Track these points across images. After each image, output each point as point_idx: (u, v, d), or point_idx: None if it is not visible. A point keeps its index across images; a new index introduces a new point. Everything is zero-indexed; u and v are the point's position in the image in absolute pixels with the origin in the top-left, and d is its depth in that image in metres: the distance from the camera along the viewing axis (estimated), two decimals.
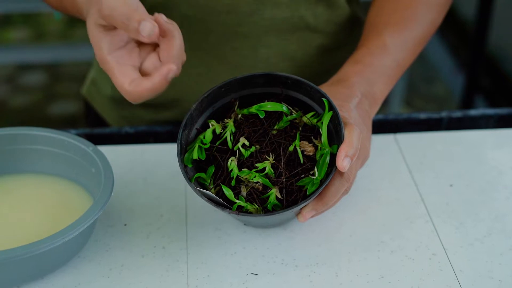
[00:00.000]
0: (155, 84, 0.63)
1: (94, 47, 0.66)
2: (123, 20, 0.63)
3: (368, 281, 0.69)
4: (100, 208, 0.68)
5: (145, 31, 0.62)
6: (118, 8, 0.63)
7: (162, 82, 0.63)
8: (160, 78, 0.63)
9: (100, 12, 0.64)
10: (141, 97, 0.64)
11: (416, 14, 0.85)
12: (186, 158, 0.71)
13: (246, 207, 0.68)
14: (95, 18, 0.64)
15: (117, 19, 0.63)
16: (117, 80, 0.65)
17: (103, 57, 0.65)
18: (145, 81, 0.64)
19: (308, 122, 0.72)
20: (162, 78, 0.63)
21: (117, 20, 0.63)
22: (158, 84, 0.63)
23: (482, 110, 0.94)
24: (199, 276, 0.70)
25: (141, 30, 0.62)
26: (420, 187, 0.81)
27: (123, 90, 0.64)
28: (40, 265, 0.67)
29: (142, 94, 0.64)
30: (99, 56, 0.65)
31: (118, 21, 0.63)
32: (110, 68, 0.65)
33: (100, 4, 0.64)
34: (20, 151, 0.78)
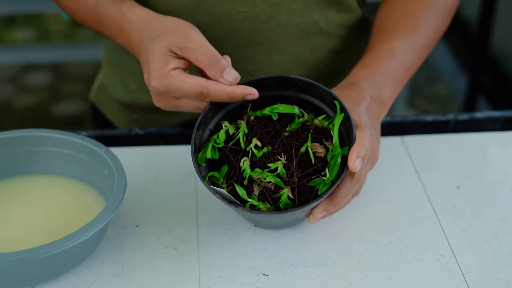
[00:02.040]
0: (235, 92, 0.72)
1: (157, 63, 0.72)
2: (209, 59, 0.71)
3: (377, 282, 0.70)
4: (113, 210, 0.69)
5: (231, 76, 0.72)
6: (206, 46, 0.72)
7: (239, 94, 0.72)
8: (242, 90, 0.72)
9: (179, 42, 0.71)
10: (216, 97, 0.72)
11: (423, 19, 0.86)
12: (200, 157, 0.72)
13: (259, 206, 0.70)
14: (170, 46, 0.72)
15: (201, 56, 0.71)
16: (192, 79, 0.71)
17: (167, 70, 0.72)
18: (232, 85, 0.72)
19: (320, 125, 0.73)
20: (242, 91, 0.72)
21: (201, 57, 0.71)
22: (236, 93, 0.72)
23: (488, 113, 0.95)
24: (211, 277, 0.71)
25: (226, 75, 0.71)
26: (428, 188, 0.82)
27: (201, 85, 0.71)
28: (54, 265, 0.68)
29: (219, 94, 0.72)
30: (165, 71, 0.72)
31: (201, 58, 0.71)
32: (176, 74, 0.72)
33: (180, 35, 0.72)
34: (33, 153, 0.79)
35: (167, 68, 0.71)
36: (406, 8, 0.87)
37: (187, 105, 0.73)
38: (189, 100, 0.73)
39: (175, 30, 0.73)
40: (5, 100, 2.53)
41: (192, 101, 0.73)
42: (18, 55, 2.45)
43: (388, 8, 0.89)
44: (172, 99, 0.73)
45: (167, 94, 0.72)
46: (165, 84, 0.71)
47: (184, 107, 0.74)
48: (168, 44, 0.71)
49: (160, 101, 0.74)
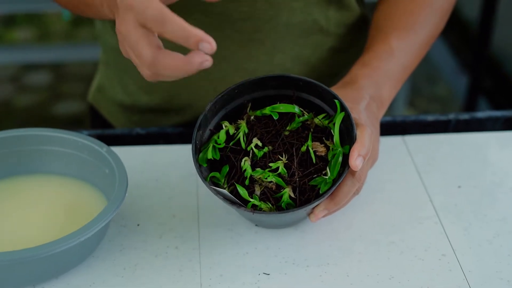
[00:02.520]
0: (185, 62, 0.59)
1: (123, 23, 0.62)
2: (179, 32, 0.59)
3: (378, 281, 0.70)
4: (115, 209, 0.69)
5: (206, 49, 0.59)
6: (172, 18, 0.59)
7: (193, 64, 0.59)
8: (196, 59, 0.59)
9: (146, 15, 0.60)
10: (165, 70, 0.60)
11: (421, 18, 0.87)
12: (201, 158, 0.72)
13: (260, 205, 0.70)
14: (138, 19, 0.60)
15: (170, 30, 0.59)
16: (143, 47, 0.61)
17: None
18: (178, 56, 0.60)
19: (320, 124, 0.73)
20: (196, 59, 0.59)
21: (171, 30, 0.59)
22: (187, 63, 0.59)
23: (489, 112, 0.95)
24: (212, 276, 0.71)
25: (202, 48, 0.59)
26: (429, 188, 0.82)
27: (147, 57, 0.61)
28: (55, 264, 0.68)
29: (168, 66, 0.60)
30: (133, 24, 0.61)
31: (172, 31, 0.59)
32: (139, 36, 0.61)
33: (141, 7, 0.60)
34: (34, 152, 0.79)
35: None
36: (404, 7, 0.87)
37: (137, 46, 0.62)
38: (139, 38, 0.61)
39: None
40: (5, 100, 2.53)
41: (143, 40, 0.61)
42: (18, 55, 2.45)
43: (385, 7, 0.89)
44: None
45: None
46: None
47: (135, 47, 0.62)
48: (138, 20, 0.62)
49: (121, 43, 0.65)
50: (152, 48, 0.60)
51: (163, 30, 0.59)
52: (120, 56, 0.96)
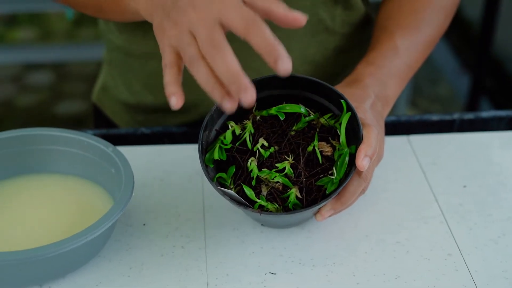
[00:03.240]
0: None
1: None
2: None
3: (384, 281, 0.70)
4: (121, 209, 0.69)
5: (282, 71, 0.60)
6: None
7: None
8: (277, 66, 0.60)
9: None
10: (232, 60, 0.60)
11: (425, 17, 0.87)
12: (207, 158, 0.72)
13: (267, 206, 0.70)
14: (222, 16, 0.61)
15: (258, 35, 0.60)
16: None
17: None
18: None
19: (326, 124, 0.73)
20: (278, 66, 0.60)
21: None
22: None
23: (494, 112, 0.95)
24: (218, 275, 0.71)
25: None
26: (434, 188, 0.83)
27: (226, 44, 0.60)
28: (62, 264, 0.68)
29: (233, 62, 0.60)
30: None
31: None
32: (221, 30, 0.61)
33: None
34: (40, 152, 0.79)
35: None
36: (408, 6, 0.88)
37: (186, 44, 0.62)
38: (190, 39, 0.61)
39: None
40: (7, 100, 2.53)
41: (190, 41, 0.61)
42: (20, 54, 2.45)
43: (390, 6, 0.89)
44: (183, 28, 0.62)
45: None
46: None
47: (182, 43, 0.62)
48: None
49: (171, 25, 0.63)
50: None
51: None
52: (125, 55, 0.96)
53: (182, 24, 0.62)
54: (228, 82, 0.59)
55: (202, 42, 0.60)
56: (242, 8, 0.60)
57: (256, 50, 0.59)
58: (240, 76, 0.58)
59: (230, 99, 0.59)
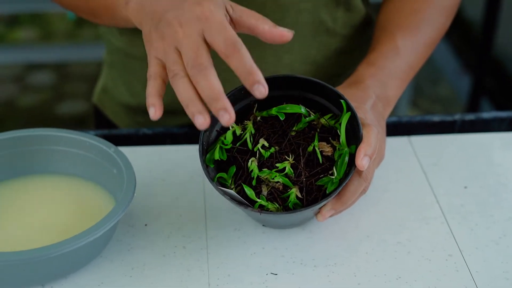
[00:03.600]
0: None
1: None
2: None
3: (385, 281, 0.70)
4: (123, 209, 0.69)
5: (258, 94, 0.62)
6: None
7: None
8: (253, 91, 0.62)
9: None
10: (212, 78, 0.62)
11: (426, 18, 0.87)
12: (208, 159, 0.72)
13: (267, 206, 0.70)
14: (205, 32, 0.64)
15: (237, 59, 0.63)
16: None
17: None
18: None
19: (326, 124, 0.73)
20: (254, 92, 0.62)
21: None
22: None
23: (495, 113, 0.95)
24: (220, 276, 0.71)
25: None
26: (435, 188, 0.83)
27: (206, 60, 0.62)
28: (64, 264, 0.68)
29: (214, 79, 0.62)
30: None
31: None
32: (202, 44, 0.63)
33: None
34: (42, 152, 0.79)
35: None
36: (409, 6, 0.88)
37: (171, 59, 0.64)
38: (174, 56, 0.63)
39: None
40: (8, 100, 2.54)
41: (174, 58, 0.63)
42: (21, 54, 2.45)
43: (390, 7, 0.89)
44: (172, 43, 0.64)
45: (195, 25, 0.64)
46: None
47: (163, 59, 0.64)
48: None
49: (159, 36, 0.65)
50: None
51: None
52: (126, 57, 0.96)
53: (169, 38, 0.64)
54: (210, 101, 0.61)
55: (187, 62, 0.62)
56: (225, 29, 0.62)
57: (235, 72, 0.62)
58: (221, 97, 0.60)
59: (202, 115, 0.61)
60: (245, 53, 0.62)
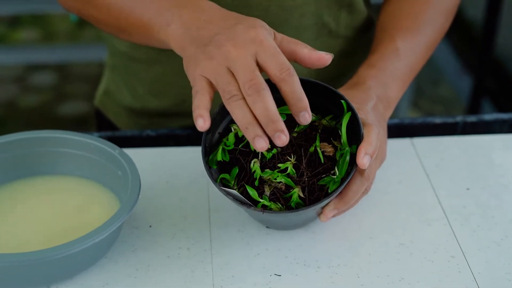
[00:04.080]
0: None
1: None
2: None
3: (388, 283, 0.71)
4: (128, 210, 0.69)
5: (302, 121, 0.66)
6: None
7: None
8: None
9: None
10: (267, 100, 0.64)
11: (426, 20, 0.88)
12: (211, 160, 0.73)
13: (270, 206, 0.70)
14: (259, 55, 0.66)
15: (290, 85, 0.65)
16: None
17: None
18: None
19: (327, 124, 0.73)
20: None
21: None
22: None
23: (496, 115, 0.96)
24: (224, 277, 0.71)
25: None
26: (437, 190, 0.83)
27: (262, 83, 0.64)
28: (70, 265, 0.69)
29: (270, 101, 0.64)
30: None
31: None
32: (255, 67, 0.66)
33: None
34: (47, 154, 0.80)
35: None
36: (409, 8, 0.88)
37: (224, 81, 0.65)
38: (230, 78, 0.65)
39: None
40: (10, 100, 2.54)
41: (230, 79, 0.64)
42: (23, 55, 2.46)
43: (391, 9, 0.90)
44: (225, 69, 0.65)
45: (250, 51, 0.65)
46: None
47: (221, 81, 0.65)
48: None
49: (209, 59, 0.66)
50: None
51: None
52: (128, 60, 0.97)
53: (219, 58, 0.65)
54: (266, 123, 0.63)
55: (243, 84, 0.63)
56: (279, 54, 0.65)
57: (284, 97, 0.64)
58: (277, 120, 0.63)
59: (263, 138, 0.63)
60: (297, 80, 0.64)
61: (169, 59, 0.90)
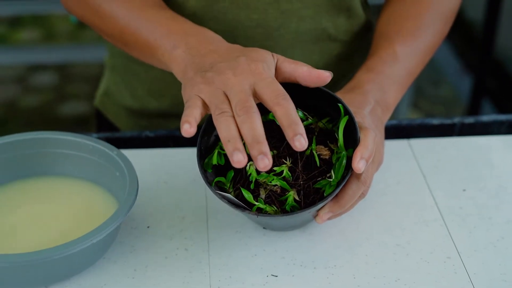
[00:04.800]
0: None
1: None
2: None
3: (384, 283, 0.71)
4: (126, 211, 0.70)
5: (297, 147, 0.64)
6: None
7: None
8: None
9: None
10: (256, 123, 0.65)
11: (425, 24, 0.88)
12: (206, 164, 0.73)
13: (265, 209, 0.71)
14: (256, 85, 0.67)
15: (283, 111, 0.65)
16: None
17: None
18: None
19: (324, 127, 0.74)
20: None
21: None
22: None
23: (494, 116, 0.96)
24: (221, 277, 0.72)
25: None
26: (434, 191, 0.84)
27: (254, 109, 0.65)
28: (68, 266, 0.69)
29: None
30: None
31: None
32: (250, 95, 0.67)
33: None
34: (45, 155, 0.80)
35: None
36: (407, 13, 0.88)
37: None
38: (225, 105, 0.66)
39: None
40: (11, 100, 2.55)
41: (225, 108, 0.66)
42: (24, 55, 2.46)
43: (390, 13, 0.90)
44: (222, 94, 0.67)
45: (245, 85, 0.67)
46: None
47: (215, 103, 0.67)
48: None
49: (208, 85, 0.67)
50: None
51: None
52: (128, 61, 0.97)
53: (219, 83, 0.67)
54: (251, 144, 0.63)
55: (236, 104, 0.65)
56: (276, 83, 0.67)
57: (279, 122, 0.65)
58: (263, 141, 0.63)
59: (241, 153, 0.63)
60: (292, 105, 0.65)
61: None
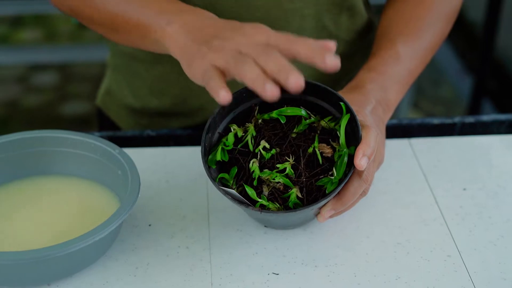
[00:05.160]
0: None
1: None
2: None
3: (385, 281, 0.72)
4: (128, 209, 0.70)
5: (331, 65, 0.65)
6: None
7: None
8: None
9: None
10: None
11: (427, 24, 0.88)
12: (210, 160, 0.73)
13: (268, 205, 0.71)
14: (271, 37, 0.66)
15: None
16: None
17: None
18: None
19: (326, 126, 0.74)
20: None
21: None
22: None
23: (494, 116, 0.96)
24: (223, 275, 0.72)
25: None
26: (435, 190, 0.84)
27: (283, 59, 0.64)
28: (70, 263, 0.70)
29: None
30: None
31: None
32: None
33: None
34: (47, 153, 0.81)
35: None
36: (409, 13, 0.89)
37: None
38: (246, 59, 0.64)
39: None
40: (12, 100, 2.55)
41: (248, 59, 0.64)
42: (25, 55, 2.47)
43: (391, 13, 0.90)
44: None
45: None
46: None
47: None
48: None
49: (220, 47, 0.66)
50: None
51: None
52: (130, 60, 0.97)
53: (229, 47, 0.65)
54: (278, 72, 0.61)
55: (255, 53, 0.63)
56: (286, 34, 0.66)
57: (303, 53, 0.64)
58: (290, 66, 0.62)
59: (273, 85, 0.61)
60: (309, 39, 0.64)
61: (170, 59, 0.91)
